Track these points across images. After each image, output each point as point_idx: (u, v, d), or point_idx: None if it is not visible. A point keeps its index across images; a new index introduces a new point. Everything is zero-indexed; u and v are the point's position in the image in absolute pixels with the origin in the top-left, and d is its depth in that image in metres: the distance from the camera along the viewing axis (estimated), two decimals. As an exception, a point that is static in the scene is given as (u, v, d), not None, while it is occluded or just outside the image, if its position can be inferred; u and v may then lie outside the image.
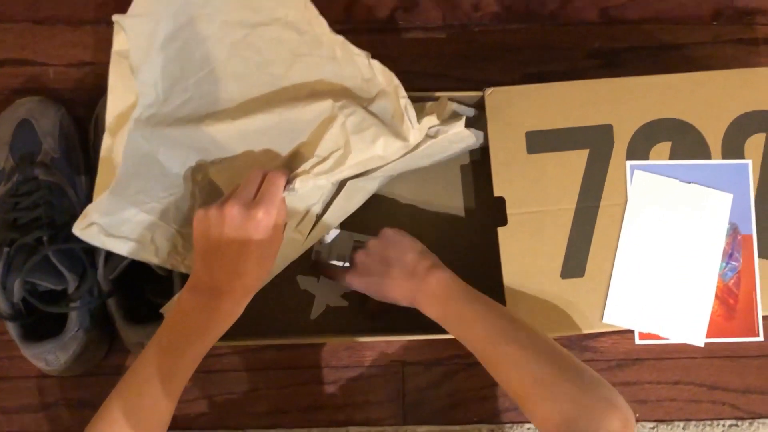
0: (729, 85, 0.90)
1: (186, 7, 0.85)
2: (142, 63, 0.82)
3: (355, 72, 0.87)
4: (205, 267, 0.78)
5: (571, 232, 0.88)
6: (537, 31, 1.07)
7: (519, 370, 0.75)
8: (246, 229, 0.77)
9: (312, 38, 0.87)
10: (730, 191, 0.89)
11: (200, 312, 0.77)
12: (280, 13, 0.87)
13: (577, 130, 0.89)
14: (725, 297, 0.88)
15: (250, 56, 0.88)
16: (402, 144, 0.84)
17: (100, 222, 0.81)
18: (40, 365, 0.91)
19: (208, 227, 0.78)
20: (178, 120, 0.86)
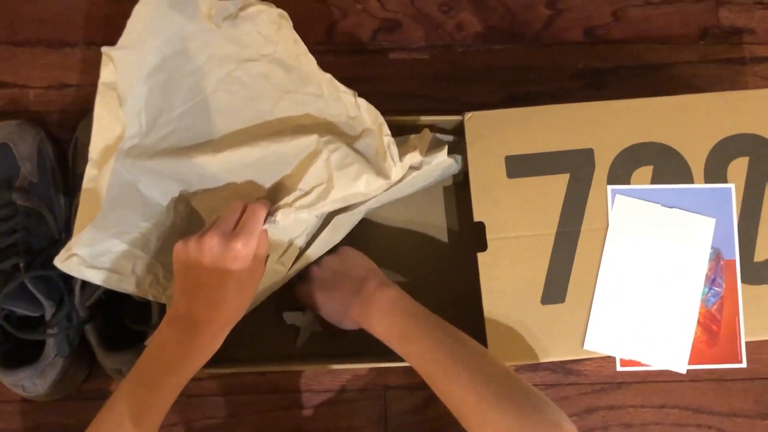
0: (711, 108, 0.89)
1: (174, 39, 0.85)
2: (128, 95, 0.82)
3: (341, 110, 0.86)
4: (184, 298, 0.78)
5: (551, 258, 0.87)
6: (521, 51, 1.07)
7: (462, 389, 0.74)
8: (225, 260, 0.76)
9: (299, 75, 0.87)
10: (712, 216, 0.88)
11: (177, 344, 0.76)
12: (269, 49, 0.87)
13: (557, 155, 0.88)
14: (708, 323, 0.87)
15: (236, 90, 0.87)
16: (384, 182, 0.84)
17: (80, 253, 0.80)
18: (18, 391, 0.90)
19: (187, 258, 0.77)
20: (160, 152, 0.85)
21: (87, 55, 1.04)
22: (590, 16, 1.08)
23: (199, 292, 0.77)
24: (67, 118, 1.02)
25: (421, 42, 1.06)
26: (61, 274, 0.88)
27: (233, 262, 0.76)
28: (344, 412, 0.99)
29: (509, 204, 0.87)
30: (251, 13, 0.85)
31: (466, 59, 1.06)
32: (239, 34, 0.86)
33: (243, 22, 0.86)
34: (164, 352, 0.76)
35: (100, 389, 0.98)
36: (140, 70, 0.83)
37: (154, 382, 0.75)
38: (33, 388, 0.89)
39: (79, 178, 0.92)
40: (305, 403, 0.99)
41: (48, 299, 0.88)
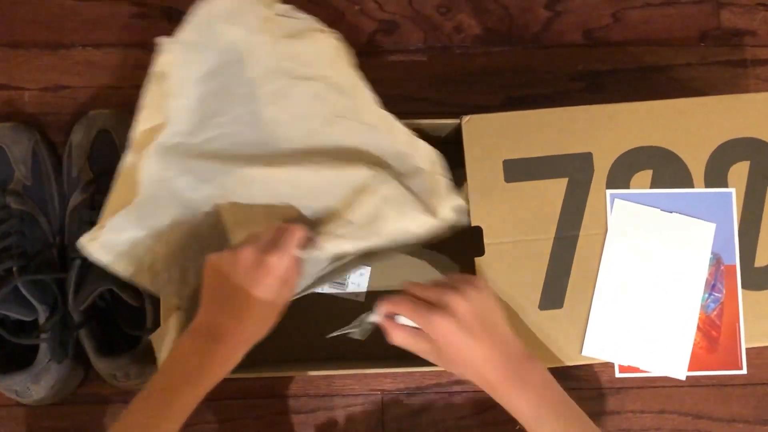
0: (711, 112, 0.88)
1: (235, 45, 0.85)
2: (180, 90, 0.83)
3: (394, 144, 0.86)
4: (210, 309, 0.76)
5: (549, 263, 0.86)
6: (520, 53, 1.06)
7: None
8: (257, 274, 0.74)
9: (354, 104, 0.87)
10: (712, 221, 0.87)
11: (198, 355, 0.74)
12: (329, 72, 0.87)
13: (555, 159, 0.87)
14: (708, 329, 0.86)
15: (289, 106, 0.87)
16: (434, 222, 0.84)
17: (104, 238, 0.80)
18: (12, 396, 0.90)
19: (219, 268, 0.76)
20: (204, 154, 0.85)
21: (82, 57, 1.04)
22: (589, 18, 1.07)
23: (226, 304, 0.75)
24: (62, 120, 1.01)
25: (419, 44, 1.06)
26: (54, 277, 0.87)
27: (264, 277, 0.74)
28: (341, 418, 0.98)
29: (507, 208, 0.86)
30: (314, 35, 0.86)
31: (465, 61, 1.05)
32: (300, 52, 0.86)
33: (306, 42, 0.86)
34: (184, 362, 0.74)
35: (95, 394, 0.97)
36: (196, 70, 0.84)
37: (170, 394, 0.73)
38: (26, 393, 0.88)
39: (74, 181, 0.92)
40: (302, 408, 0.98)
41: (41, 303, 0.87)
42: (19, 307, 0.87)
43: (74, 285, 0.86)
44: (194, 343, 0.75)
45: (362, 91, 0.86)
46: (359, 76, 0.86)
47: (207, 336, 0.75)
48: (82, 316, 0.88)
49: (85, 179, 0.93)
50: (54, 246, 0.93)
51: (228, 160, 0.85)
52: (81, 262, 0.87)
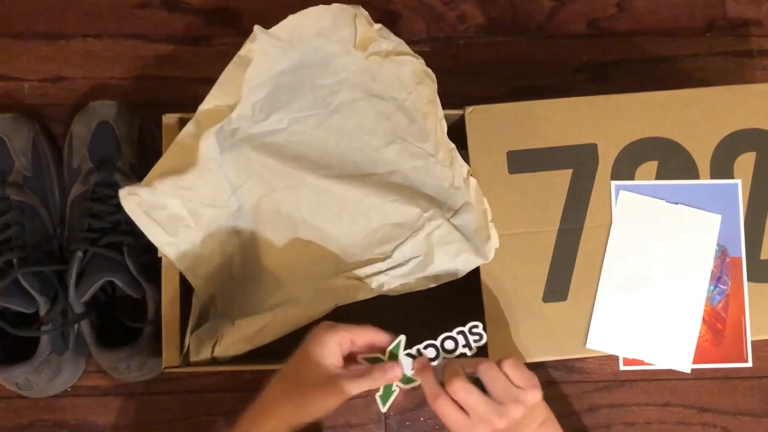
0: (717, 102, 0.87)
1: (318, 51, 0.86)
2: (256, 78, 0.84)
3: (447, 176, 0.86)
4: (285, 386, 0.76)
5: (553, 255, 0.85)
6: (524, 43, 1.05)
7: None
8: (334, 389, 0.73)
9: (420, 129, 0.87)
10: (718, 212, 0.86)
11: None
12: (401, 95, 0.87)
13: (560, 150, 0.86)
14: (713, 321, 0.86)
15: (354, 117, 0.88)
16: (480, 261, 0.84)
17: (143, 196, 0.79)
18: (12, 388, 0.89)
19: (320, 357, 0.74)
20: (262, 145, 0.87)
21: (82, 48, 1.03)
22: (595, 8, 1.06)
23: (303, 391, 0.75)
24: (62, 111, 1.01)
25: (422, 34, 1.05)
26: (55, 269, 0.87)
27: (338, 395, 0.73)
28: (343, 410, 0.98)
29: (511, 200, 0.86)
30: (400, 59, 0.86)
31: (468, 52, 1.04)
32: (379, 71, 0.87)
33: (389, 62, 0.86)
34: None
35: (96, 386, 0.97)
36: (276, 64, 0.85)
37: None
38: (27, 385, 0.88)
39: (75, 172, 0.92)
40: (304, 400, 0.98)
41: (42, 295, 0.86)
42: (20, 299, 0.86)
43: (75, 277, 0.85)
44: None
45: (432, 119, 0.86)
46: (435, 104, 0.86)
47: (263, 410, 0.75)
48: (83, 308, 0.87)
49: (86, 170, 0.92)
50: (54, 238, 0.93)
51: (283, 158, 0.86)
52: (82, 254, 0.86)
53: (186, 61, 1.04)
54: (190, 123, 0.82)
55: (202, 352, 0.84)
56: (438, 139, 0.86)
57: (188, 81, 1.03)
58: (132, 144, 0.95)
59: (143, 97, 1.02)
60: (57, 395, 0.95)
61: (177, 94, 1.03)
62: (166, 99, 1.02)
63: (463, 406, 0.72)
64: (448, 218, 0.84)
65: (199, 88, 0.84)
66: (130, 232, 0.88)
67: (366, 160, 0.88)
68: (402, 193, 0.86)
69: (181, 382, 0.98)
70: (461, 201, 0.85)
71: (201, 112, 0.82)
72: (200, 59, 1.04)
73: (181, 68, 1.04)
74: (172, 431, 0.97)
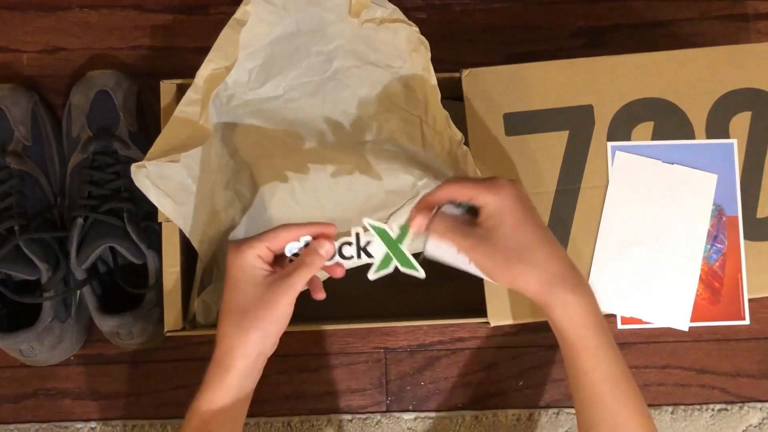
0: (713, 63, 0.87)
1: (314, 18, 0.86)
2: (251, 43, 0.84)
3: (442, 142, 0.86)
4: (227, 324, 0.73)
5: (551, 216, 0.86)
6: (520, 10, 1.05)
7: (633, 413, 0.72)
8: (277, 291, 0.70)
9: (414, 97, 0.88)
10: (714, 172, 0.86)
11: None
12: (396, 63, 0.88)
13: (556, 111, 0.87)
14: (710, 280, 0.86)
15: (350, 84, 0.89)
16: None
17: (150, 168, 0.79)
18: (15, 355, 0.90)
19: (241, 270, 0.71)
20: (259, 111, 0.88)
21: (80, 19, 1.03)
22: (590, -27, 1.06)
23: (242, 319, 0.72)
24: (60, 82, 1.01)
25: (418, 1, 1.05)
26: (56, 236, 0.87)
27: (284, 296, 0.70)
28: (344, 375, 0.99)
29: (508, 162, 0.86)
30: (395, 26, 0.85)
31: (465, 18, 1.05)
32: (374, 38, 0.87)
33: (383, 30, 0.86)
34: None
35: (98, 354, 0.98)
36: (271, 30, 0.85)
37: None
38: (30, 351, 0.88)
39: (74, 141, 0.92)
40: (304, 366, 0.98)
41: (44, 262, 0.87)
42: (22, 266, 0.86)
43: (76, 243, 0.86)
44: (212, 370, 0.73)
45: (426, 87, 0.86)
46: (429, 72, 0.85)
47: (221, 365, 0.72)
48: (84, 274, 0.88)
49: (85, 139, 0.92)
50: (54, 207, 0.93)
51: (279, 124, 0.88)
52: (83, 221, 0.86)
53: (183, 31, 1.04)
54: (190, 90, 0.82)
55: (209, 315, 0.84)
56: (432, 107, 0.86)
57: (185, 50, 1.04)
58: (130, 112, 0.95)
59: (141, 67, 1.03)
60: (60, 364, 0.96)
61: (174, 64, 1.03)
62: (163, 68, 1.03)
63: (470, 185, 0.71)
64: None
65: (196, 58, 0.84)
66: (129, 198, 0.89)
67: (361, 128, 0.89)
68: (396, 160, 0.87)
69: (183, 349, 0.98)
70: (454, 169, 0.86)
71: (200, 77, 0.82)
72: (197, 28, 1.04)
73: (178, 38, 1.04)
74: (175, 398, 0.98)
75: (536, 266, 0.70)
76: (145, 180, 0.79)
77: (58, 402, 0.97)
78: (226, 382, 0.71)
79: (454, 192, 0.72)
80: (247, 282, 0.70)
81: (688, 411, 0.99)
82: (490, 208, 0.70)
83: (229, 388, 0.71)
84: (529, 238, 0.70)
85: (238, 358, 0.71)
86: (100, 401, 0.97)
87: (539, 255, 0.70)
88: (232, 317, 0.71)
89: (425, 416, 0.98)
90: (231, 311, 0.71)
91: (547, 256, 0.70)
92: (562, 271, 0.71)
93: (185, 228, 0.83)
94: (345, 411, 0.98)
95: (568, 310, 0.71)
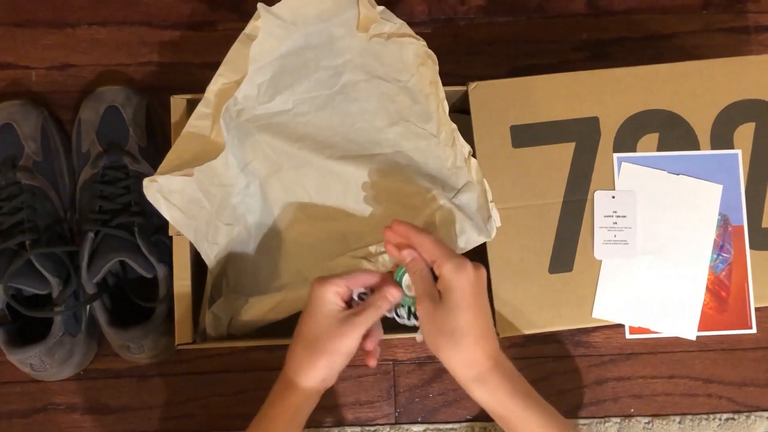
0: (717, 74, 0.88)
1: (322, 33, 0.87)
2: (260, 58, 0.84)
3: (449, 156, 0.87)
4: (298, 349, 0.77)
5: (558, 227, 0.86)
6: (524, 23, 1.06)
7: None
8: (344, 329, 0.75)
9: (422, 110, 0.88)
10: (719, 182, 0.87)
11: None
12: (404, 76, 0.88)
13: (562, 123, 0.88)
14: (717, 289, 0.87)
15: (358, 98, 0.90)
16: (483, 239, 0.84)
17: (161, 182, 0.80)
18: (26, 370, 0.90)
19: (320, 305, 0.76)
20: (268, 125, 0.89)
21: (89, 35, 1.04)
22: (593, -13, 1.07)
23: (312, 348, 0.76)
24: (68, 98, 1.02)
25: (423, 16, 1.06)
26: (67, 251, 0.88)
27: (350, 333, 0.75)
28: (353, 388, 0.99)
29: (515, 174, 0.87)
30: (403, 40, 0.86)
31: (469, 32, 1.06)
32: (382, 52, 0.87)
33: (391, 44, 0.87)
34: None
35: (107, 369, 0.98)
36: (281, 45, 0.85)
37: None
38: (41, 365, 0.89)
39: (84, 156, 0.93)
40: (314, 379, 0.99)
41: (54, 276, 0.87)
42: (33, 280, 0.87)
43: (87, 257, 0.86)
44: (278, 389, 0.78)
45: (434, 100, 0.87)
46: (437, 85, 0.86)
47: (288, 383, 0.76)
48: (95, 288, 0.88)
49: (95, 154, 0.93)
50: (64, 221, 0.94)
51: (288, 139, 0.88)
52: (94, 235, 0.87)
53: (191, 47, 1.05)
54: (201, 104, 0.83)
55: (219, 328, 0.85)
56: (440, 120, 0.87)
57: (193, 66, 1.04)
58: (140, 128, 0.96)
59: (149, 82, 1.04)
60: (69, 378, 0.96)
61: (182, 80, 1.04)
62: (171, 84, 1.03)
63: (443, 250, 0.74)
64: (450, 198, 0.85)
65: (204, 73, 0.85)
66: (140, 212, 0.89)
67: (369, 141, 0.90)
68: (404, 173, 0.88)
69: (192, 363, 0.99)
70: (463, 181, 0.86)
71: (210, 92, 0.83)
72: (205, 44, 1.05)
73: (186, 54, 1.05)
74: (184, 412, 0.98)
75: (462, 348, 0.73)
76: (156, 194, 0.79)
77: (67, 417, 0.97)
78: (291, 398, 0.76)
79: (426, 247, 0.75)
80: (323, 314, 0.75)
81: (696, 421, 0.99)
82: (446, 282, 0.73)
83: (292, 405, 0.76)
84: (466, 323, 0.73)
85: (305, 380, 0.75)
86: (109, 415, 0.98)
87: (468, 339, 0.73)
88: (305, 343, 0.75)
89: (434, 428, 0.98)
90: (305, 337, 0.76)
91: (475, 341, 0.73)
92: (484, 356, 0.73)
93: (196, 241, 0.84)
94: (354, 423, 0.99)
95: (492, 389, 0.74)
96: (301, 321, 0.77)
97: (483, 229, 0.84)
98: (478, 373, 0.73)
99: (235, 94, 0.83)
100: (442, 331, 0.73)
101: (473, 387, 0.74)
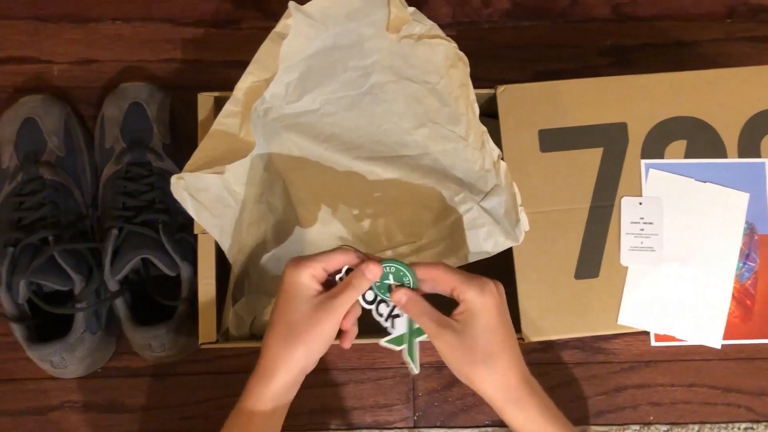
0: (745, 82, 0.88)
1: (352, 33, 0.86)
2: (289, 57, 0.83)
3: (478, 159, 0.86)
4: (274, 336, 0.74)
5: (585, 232, 0.86)
6: (548, 28, 1.06)
7: None
8: (322, 313, 0.71)
9: (451, 112, 0.87)
10: (746, 190, 0.87)
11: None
12: (433, 78, 0.87)
13: (590, 128, 0.87)
14: (742, 298, 0.86)
15: (386, 99, 0.89)
16: (510, 243, 0.84)
17: (188, 180, 0.79)
18: (46, 367, 0.90)
19: (293, 289, 0.73)
20: (295, 125, 0.88)
21: (112, 31, 1.03)
22: (617, -7, 1.07)
23: (289, 334, 0.74)
24: (91, 94, 1.01)
25: (447, 18, 1.06)
26: (90, 247, 0.87)
27: (330, 317, 0.72)
28: (371, 391, 0.98)
29: (542, 178, 0.87)
30: (433, 42, 0.85)
31: (493, 36, 1.05)
32: (412, 53, 0.87)
33: (422, 45, 0.86)
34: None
35: (125, 367, 0.97)
36: (310, 44, 0.85)
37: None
38: (61, 362, 0.88)
39: (107, 152, 0.92)
40: (332, 381, 0.98)
41: (77, 273, 0.87)
42: (56, 276, 0.86)
43: (111, 254, 0.86)
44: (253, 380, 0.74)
45: (464, 102, 0.86)
46: (467, 87, 0.85)
47: (264, 375, 0.73)
48: (117, 285, 0.87)
49: (119, 150, 0.92)
50: (87, 217, 0.93)
51: (315, 138, 0.88)
52: (117, 232, 0.86)
53: (214, 45, 1.04)
54: (230, 102, 0.82)
55: (241, 328, 0.84)
56: (469, 123, 0.86)
57: (216, 64, 1.04)
58: (164, 124, 0.95)
59: (172, 79, 1.03)
60: (86, 376, 0.96)
61: (205, 78, 1.03)
62: (194, 82, 1.03)
63: (458, 277, 0.72)
64: (478, 201, 0.85)
65: (227, 72, 0.85)
66: (165, 210, 0.89)
67: (396, 143, 0.89)
68: (432, 176, 0.87)
69: (211, 362, 0.98)
70: (491, 184, 0.86)
71: (239, 89, 0.82)
72: (228, 42, 1.04)
73: (209, 51, 1.04)
74: (203, 411, 0.97)
75: (497, 372, 0.72)
76: (183, 192, 0.79)
77: (83, 415, 0.97)
78: (268, 390, 0.73)
79: (440, 278, 0.73)
80: (298, 299, 0.71)
81: (714, 429, 0.99)
82: (470, 305, 0.72)
83: (270, 397, 0.73)
84: (497, 345, 0.72)
85: (282, 370, 0.72)
86: (126, 414, 0.97)
87: (502, 362, 0.72)
88: (280, 331, 0.72)
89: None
90: (279, 325, 0.72)
91: (509, 363, 0.72)
92: (519, 379, 0.73)
93: (221, 240, 0.83)
94: (372, 426, 0.98)
95: (529, 413, 0.73)
96: (275, 307, 0.73)
97: (511, 233, 0.83)
98: (516, 397, 0.72)
99: (266, 90, 0.82)
100: (474, 359, 0.71)
101: (510, 410, 0.73)
